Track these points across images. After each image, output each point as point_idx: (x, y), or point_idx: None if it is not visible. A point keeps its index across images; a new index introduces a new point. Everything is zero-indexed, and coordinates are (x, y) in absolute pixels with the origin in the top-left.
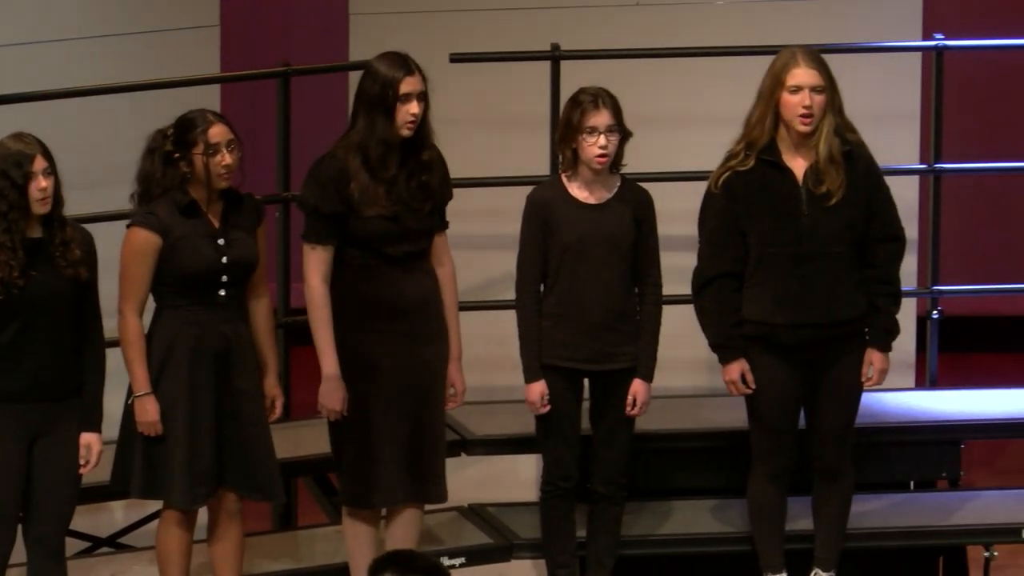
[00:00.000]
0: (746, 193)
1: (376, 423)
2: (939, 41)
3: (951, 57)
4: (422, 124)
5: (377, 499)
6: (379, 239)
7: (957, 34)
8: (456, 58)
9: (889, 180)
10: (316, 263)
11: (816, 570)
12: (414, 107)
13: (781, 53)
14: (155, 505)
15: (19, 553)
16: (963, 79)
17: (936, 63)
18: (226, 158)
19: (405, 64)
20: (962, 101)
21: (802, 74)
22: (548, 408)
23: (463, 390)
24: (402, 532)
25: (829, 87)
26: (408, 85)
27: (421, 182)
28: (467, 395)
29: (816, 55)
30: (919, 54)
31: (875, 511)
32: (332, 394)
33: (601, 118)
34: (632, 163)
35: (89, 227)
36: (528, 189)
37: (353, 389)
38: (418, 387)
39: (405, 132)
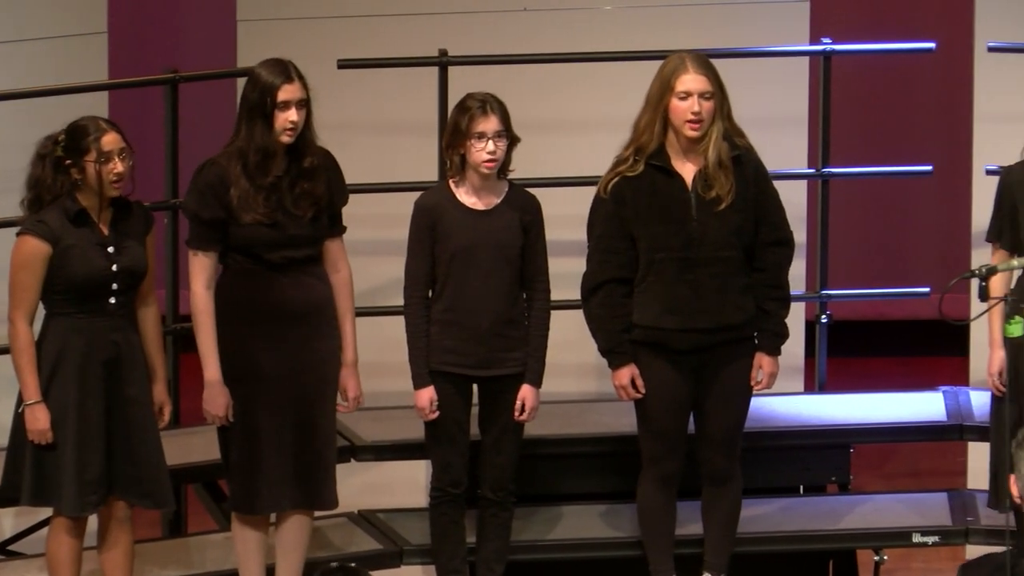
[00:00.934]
0: (635, 198)
1: (261, 429)
2: (826, 45)
3: (838, 61)
4: (304, 131)
5: (262, 505)
6: (258, 245)
7: (844, 38)
8: (344, 64)
9: (777, 184)
10: (199, 269)
11: (706, 574)
12: (293, 114)
13: (670, 58)
14: (45, 512)
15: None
16: (851, 83)
17: (823, 67)
18: (118, 166)
19: (285, 71)
20: (850, 105)
21: (691, 80)
22: (437, 414)
23: (356, 396)
24: (290, 538)
25: (718, 92)
26: (286, 92)
27: (303, 189)
28: (357, 403)
29: (705, 60)
30: (807, 59)
31: (765, 515)
32: (215, 400)
33: (489, 124)
34: (520, 168)
35: None
36: (416, 195)
37: (237, 395)
38: (305, 393)
39: (285, 139)
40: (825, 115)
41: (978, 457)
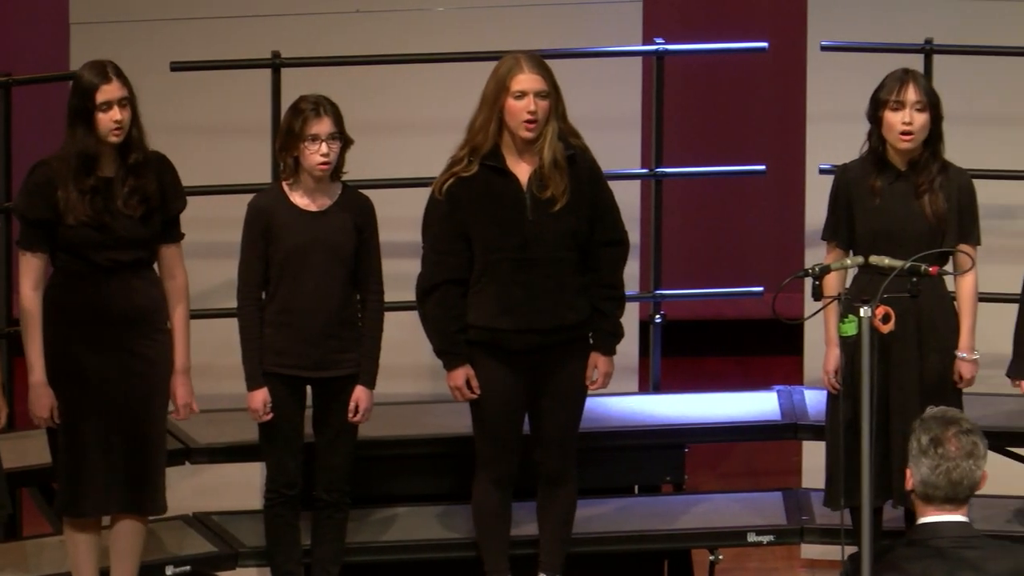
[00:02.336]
0: (470, 199)
1: (86, 431)
2: (659, 46)
3: (672, 61)
4: (131, 129)
5: (88, 508)
6: (84, 247)
7: (678, 39)
8: (177, 66)
9: (612, 184)
10: (27, 270)
11: (541, 574)
12: (116, 114)
13: (505, 59)
14: None
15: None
16: (685, 83)
17: (657, 68)
18: None
19: (102, 72)
20: (684, 105)
21: (526, 80)
22: (271, 416)
23: (185, 403)
24: (123, 542)
25: (553, 92)
26: (105, 93)
27: (132, 187)
28: (188, 411)
29: (540, 61)
30: (640, 59)
31: (600, 515)
32: (38, 401)
33: (322, 126)
34: (354, 170)
35: None
36: (249, 197)
37: (61, 397)
38: (131, 397)
39: (112, 139)
40: (658, 115)
41: (813, 456)
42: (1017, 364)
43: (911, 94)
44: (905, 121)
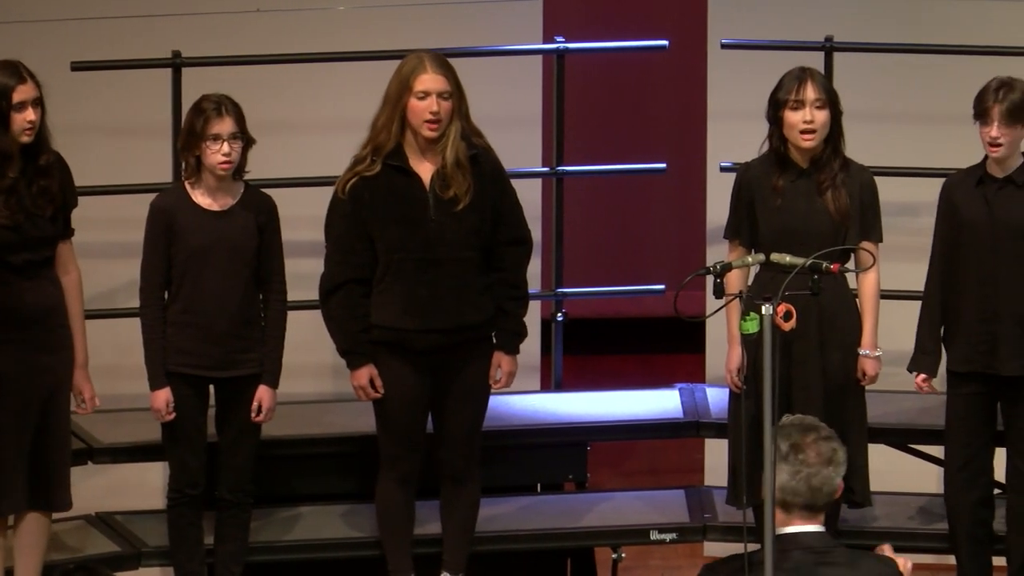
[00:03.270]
0: (372, 199)
1: (3, 431)
2: (559, 44)
3: (572, 60)
4: (40, 129)
5: (5, 507)
6: (2, 249)
7: (578, 37)
8: (77, 66)
9: (514, 183)
10: None
11: (444, 573)
12: (30, 114)
13: (408, 58)
14: None
15: None
16: (585, 82)
17: (557, 66)
18: None
19: (17, 72)
20: (585, 104)
21: (429, 80)
22: (173, 415)
23: (91, 396)
24: (27, 540)
25: (456, 92)
26: (21, 93)
27: (40, 187)
28: (93, 403)
29: (443, 60)
30: (541, 58)
31: (503, 514)
32: None
33: (224, 125)
34: (256, 169)
35: None
36: (151, 196)
37: None
38: (40, 396)
39: (24, 139)
40: (559, 114)
41: (715, 454)
42: (917, 358)
43: (810, 92)
44: (806, 120)
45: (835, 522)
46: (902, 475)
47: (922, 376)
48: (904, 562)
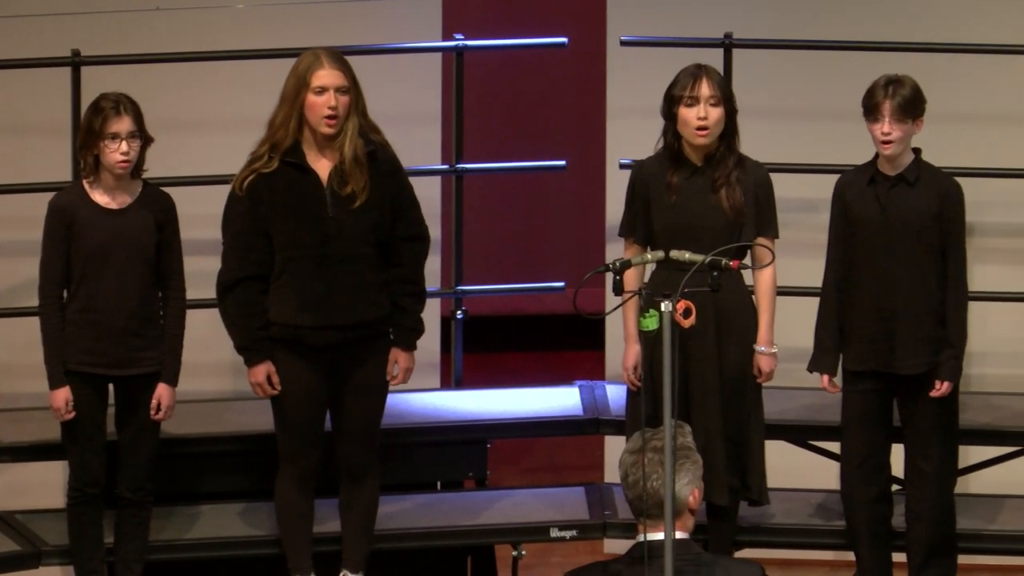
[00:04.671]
0: (270, 196)
1: None
2: (459, 42)
3: (472, 57)
4: None
5: None
6: None
7: (477, 34)
8: None
9: (413, 180)
10: None
11: (344, 571)
12: None
13: (305, 55)
14: None
15: None
16: (485, 79)
17: (456, 64)
18: None
19: None
20: (485, 101)
21: (326, 75)
22: (73, 414)
23: None
24: None
25: (353, 88)
26: None
27: None
28: None
29: (340, 57)
30: (440, 55)
31: (403, 512)
32: None
33: (122, 124)
34: (154, 167)
35: None
36: (50, 195)
37: None
38: None
39: None
40: (458, 111)
41: (615, 451)
42: (817, 358)
43: (705, 89)
44: (700, 116)
45: (734, 520)
46: (800, 472)
47: (827, 377)
48: None
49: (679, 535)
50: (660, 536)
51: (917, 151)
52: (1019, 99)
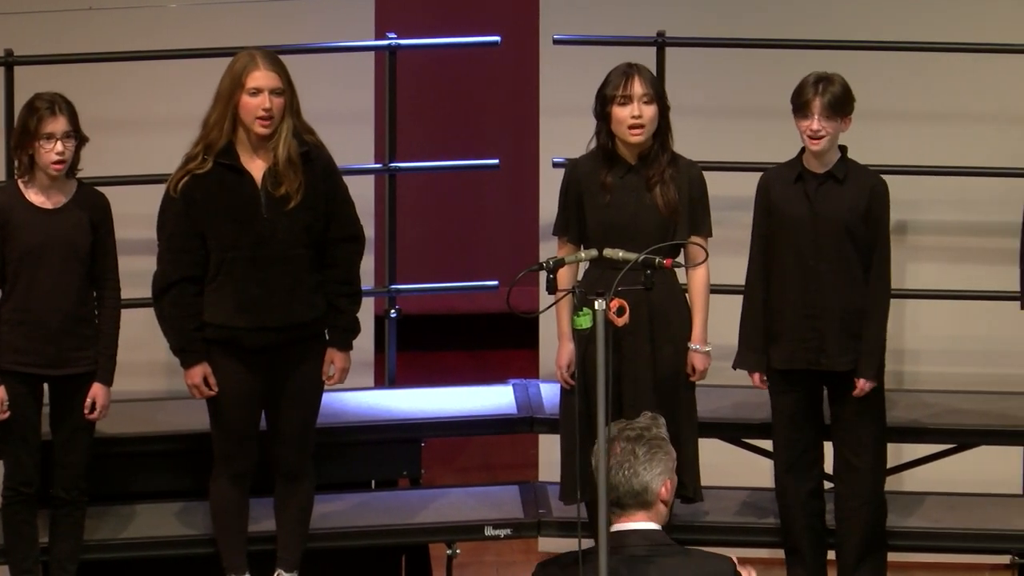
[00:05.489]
0: (204, 197)
1: None
2: (391, 40)
3: (404, 56)
4: None
5: None
6: None
7: (410, 33)
8: None
9: (346, 180)
10: None
11: (279, 571)
12: None
13: (240, 56)
14: None
15: None
16: (419, 78)
17: (389, 63)
18: None
19: None
20: (419, 100)
21: (261, 77)
22: (7, 414)
23: None
24: None
25: (288, 89)
26: None
27: None
28: None
29: (275, 57)
30: (373, 54)
31: (338, 511)
32: None
33: (57, 124)
34: (89, 167)
35: None
36: None
37: None
38: None
39: None
40: (391, 110)
41: (549, 450)
42: (743, 355)
43: (637, 87)
44: (634, 115)
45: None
46: (733, 469)
47: (758, 375)
48: (748, 572)
49: (652, 526)
50: (630, 526)
51: (843, 149)
52: (949, 97)
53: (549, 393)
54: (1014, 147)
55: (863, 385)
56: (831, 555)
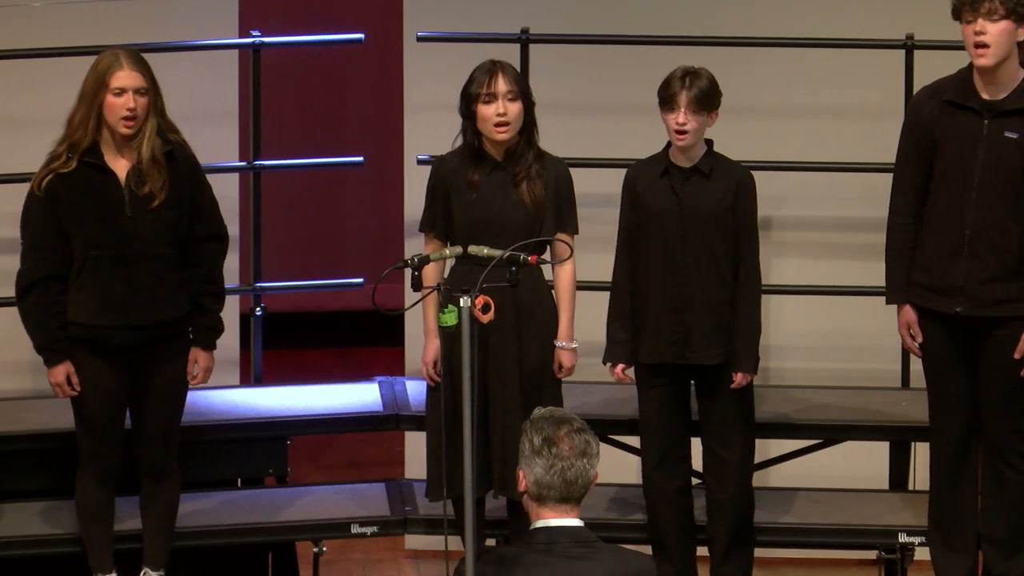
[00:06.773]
0: (68, 195)
1: None
2: (255, 38)
3: (269, 54)
4: None
5: None
6: None
7: (274, 31)
8: None
9: (210, 178)
10: None
11: (146, 569)
12: None
13: (104, 55)
14: None
15: None
16: (283, 75)
17: (253, 60)
18: None
19: None
20: (283, 98)
21: (125, 76)
22: None
23: None
24: None
25: (152, 89)
26: None
27: None
28: None
29: (138, 56)
30: (237, 52)
31: (204, 509)
32: None
33: None
34: None
35: None
36: None
37: None
38: None
39: None
40: (256, 108)
41: (416, 447)
42: (611, 350)
43: (501, 85)
44: (499, 112)
45: None
46: (601, 467)
47: (620, 366)
48: None
49: (573, 522)
50: (554, 522)
51: (709, 142)
52: (814, 93)
53: (415, 390)
54: (879, 143)
55: (740, 379)
56: (702, 551)
